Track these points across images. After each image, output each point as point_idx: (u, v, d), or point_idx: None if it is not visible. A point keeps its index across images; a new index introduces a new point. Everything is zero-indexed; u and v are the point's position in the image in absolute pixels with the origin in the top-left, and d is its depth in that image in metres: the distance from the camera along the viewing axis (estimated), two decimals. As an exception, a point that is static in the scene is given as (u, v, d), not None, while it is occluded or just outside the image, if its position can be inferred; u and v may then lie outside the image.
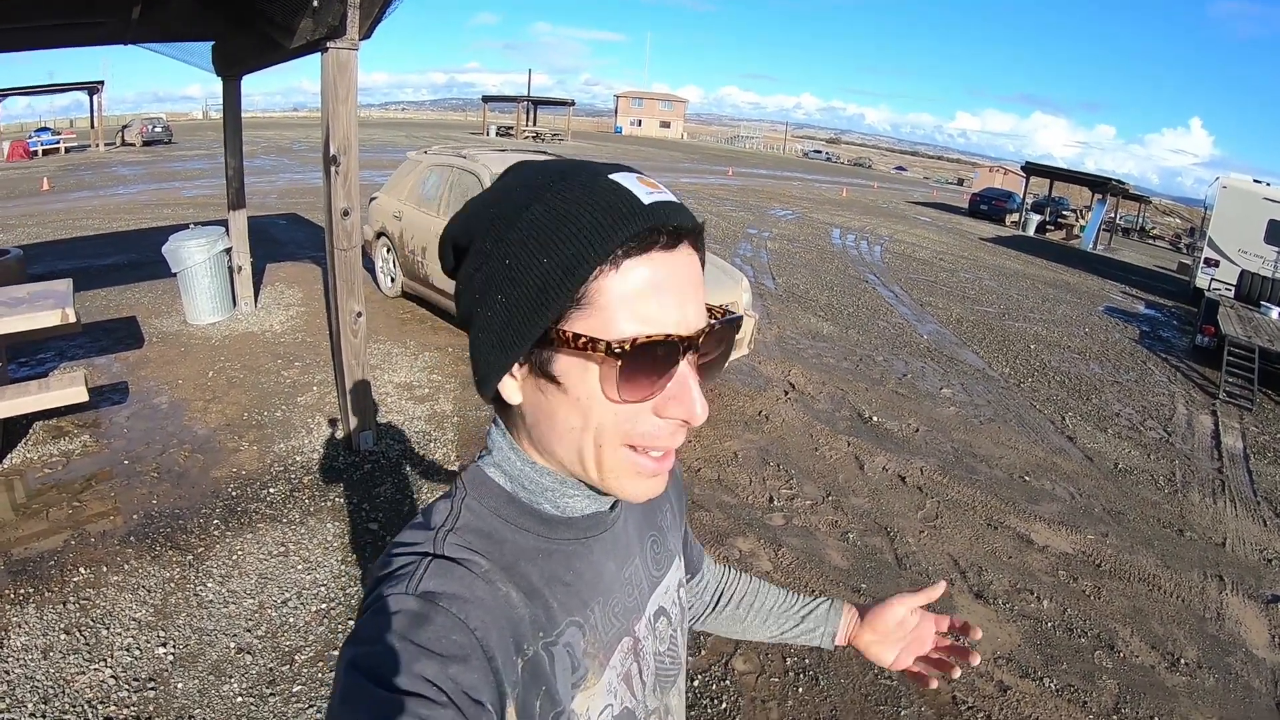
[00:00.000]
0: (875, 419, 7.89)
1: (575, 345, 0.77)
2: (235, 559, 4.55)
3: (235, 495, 5.26)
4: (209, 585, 4.29)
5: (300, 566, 4.54)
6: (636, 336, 0.76)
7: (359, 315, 5.59)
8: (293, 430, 6.28)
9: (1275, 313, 14.50)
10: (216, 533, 4.79)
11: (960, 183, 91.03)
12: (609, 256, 0.75)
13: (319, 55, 5.09)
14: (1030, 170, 38.69)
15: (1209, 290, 16.52)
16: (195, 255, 8.33)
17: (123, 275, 10.50)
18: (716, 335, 0.85)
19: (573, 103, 70.19)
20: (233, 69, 8.22)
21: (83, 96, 37.68)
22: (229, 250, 8.79)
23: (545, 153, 11.14)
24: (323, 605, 4.22)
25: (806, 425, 7.52)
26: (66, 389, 5.25)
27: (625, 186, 0.79)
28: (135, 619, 3.97)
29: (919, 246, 22.72)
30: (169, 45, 8.15)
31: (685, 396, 0.81)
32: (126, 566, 4.37)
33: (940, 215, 37.21)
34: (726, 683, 3.98)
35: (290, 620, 4.08)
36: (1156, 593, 5.34)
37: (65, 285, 5.79)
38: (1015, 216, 37.85)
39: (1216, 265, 17.77)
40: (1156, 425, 8.92)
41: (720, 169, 49.78)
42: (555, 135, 62.36)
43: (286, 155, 32.76)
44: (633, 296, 0.77)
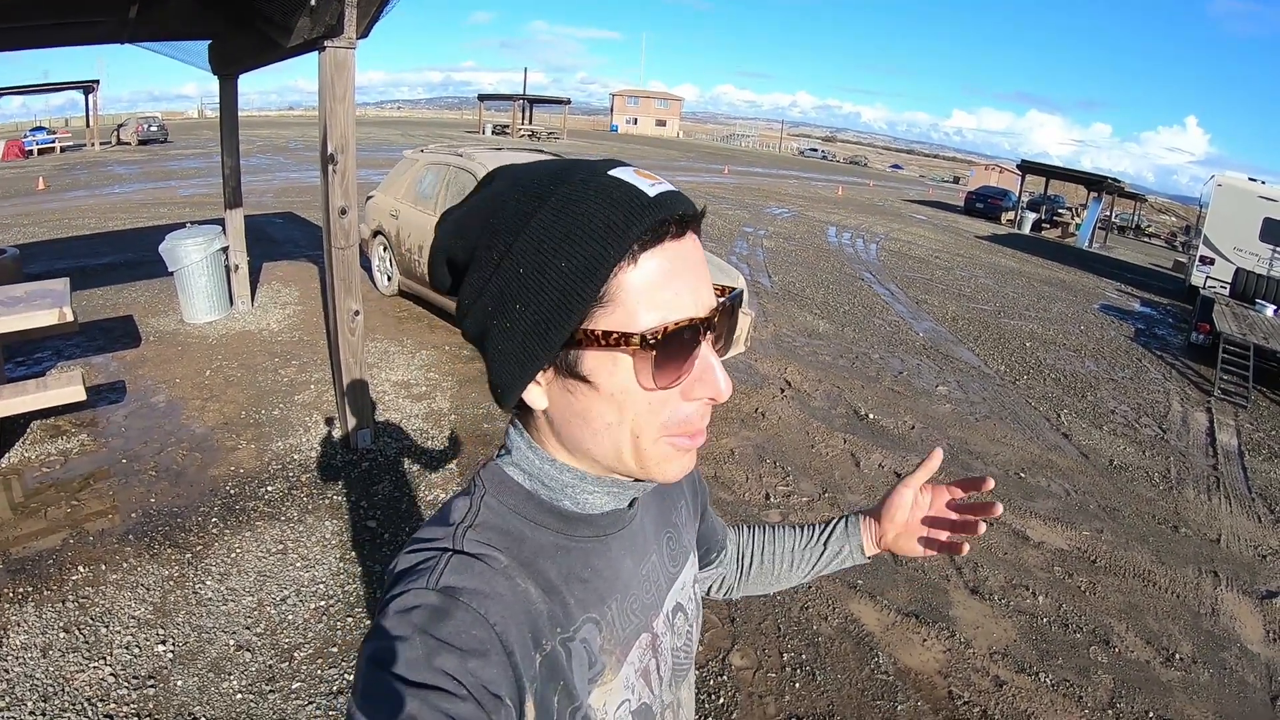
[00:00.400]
0: (871, 416, 7.91)
1: (606, 342, 0.78)
2: (234, 557, 4.55)
3: (233, 493, 5.26)
4: (208, 583, 4.30)
5: (299, 564, 4.54)
6: (665, 325, 0.78)
7: (356, 313, 5.60)
8: (290, 429, 6.29)
9: (1270, 310, 14.51)
10: (215, 531, 4.80)
11: (956, 181, 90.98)
12: (627, 253, 0.77)
13: (316, 54, 5.10)
14: (1026, 168, 38.75)
15: (1204, 288, 16.51)
16: (192, 254, 8.33)
17: (119, 274, 10.49)
18: (726, 312, 0.87)
19: (569, 101, 70.02)
20: (229, 68, 8.21)
21: (78, 95, 37.54)
22: (226, 249, 8.78)
23: (541, 151, 11.15)
24: (321, 602, 4.22)
25: (803, 422, 7.54)
26: (64, 388, 5.26)
27: (628, 181, 0.80)
28: (134, 617, 3.97)
29: (915, 244, 22.73)
30: (166, 44, 8.14)
31: (710, 376, 0.83)
32: (125, 565, 4.38)
33: (936, 213, 37.21)
34: (724, 678, 4.00)
35: (289, 617, 4.09)
36: (1151, 588, 5.35)
37: (62, 284, 5.80)
38: (1011, 214, 37.82)
39: (1212, 263, 17.76)
40: (1151, 422, 8.94)
41: (716, 167, 49.74)
42: (551, 134, 62.27)
43: (283, 154, 32.71)
44: (652, 287, 0.78)
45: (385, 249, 10.10)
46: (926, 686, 4.11)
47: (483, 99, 67.19)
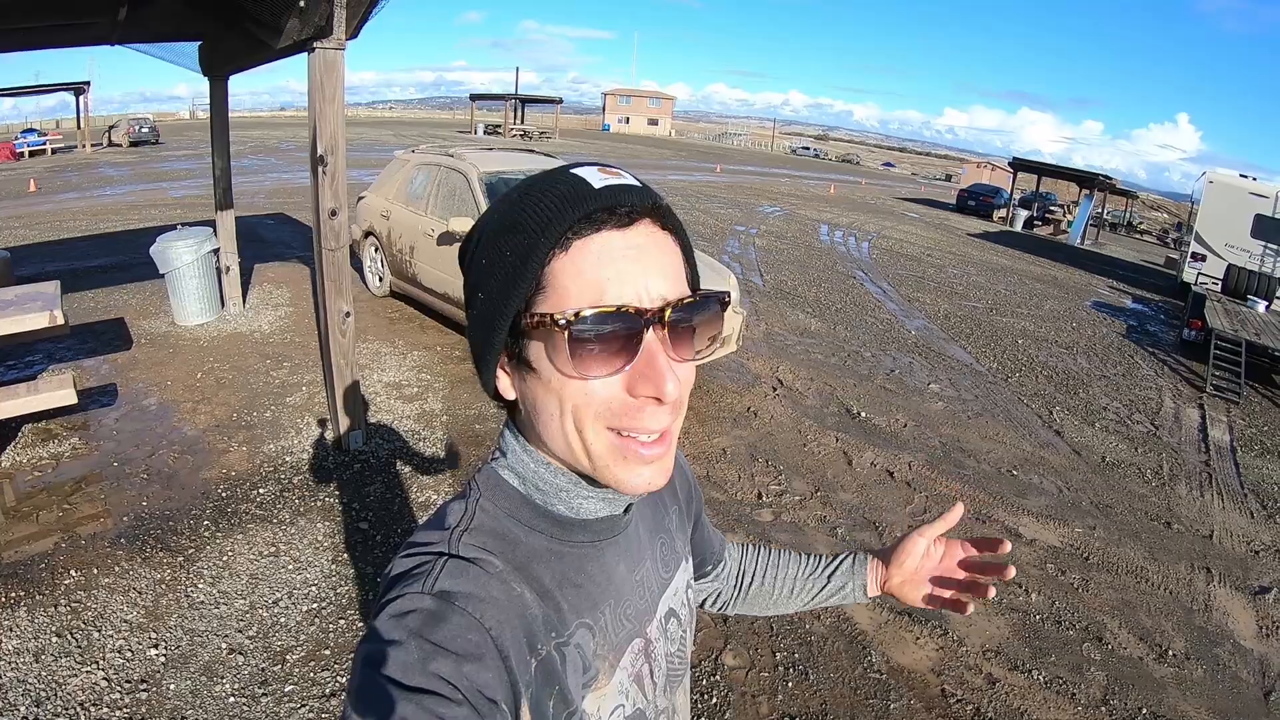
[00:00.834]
0: (863, 414, 7.92)
1: (534, 325, 0.80)
2: (226, 560, 4.54)
3: (225, 496, 5.25)
4: (200, 586, 4.29)
5: (291, 566, 4.54)
6: (581, 309, 0.78)
7: (347, 315, 5.59)
8: (282, 431, 6.28)
9: (1262, 306, 14.58)
10: (207, 534, 4.79)
11: (948, 178, 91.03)
12: (559, 239, 0.79)
13: (306, 55, 5.09)
14: (1018, 166, 38.77)
15: (1196, 284, 16.58)
16: (183, 256, 8.31)
17: (110, 277, 10.46)
18: (692, 312, 0.85)
19: (560, 101, 70.04)
20: (219, 69, 8.19)
21: (69, 97, 37.52)
22: (217, 251, 8.75)
23: (533, 151, 11.13)
24: (314, 605, 4.22)
25: (795, 421, 7.54)
26: (55, 391, 5.24)
27: (580, 176, 0.82)
28: (127, 621, 3.97)
29: (907, 242, 22.75)
30: (156, 45, 8.13)
31: (652, 372, 0.81)
32: (117, 568, 4.37)
33: (928, 211, 37.26)
34: (717, 678, 4.00)
35: (281, 620, 4.08)
36: (1144, 585, 5.37)
37: (53, 287, 5.78)
38: (1003, 212, 37.89)
39: (1203, 260, 17.81)
40: (1144, 419, 8.96)
41: (708, 166, 49.75)
42: (543, 133, 62.28)
43: (274, 155, 32.64)
44: (584, 273, 0.79)
45: (377, 250, 10.08)
46: (919, 685, 4.11)
47: (475, 99, 67.21)
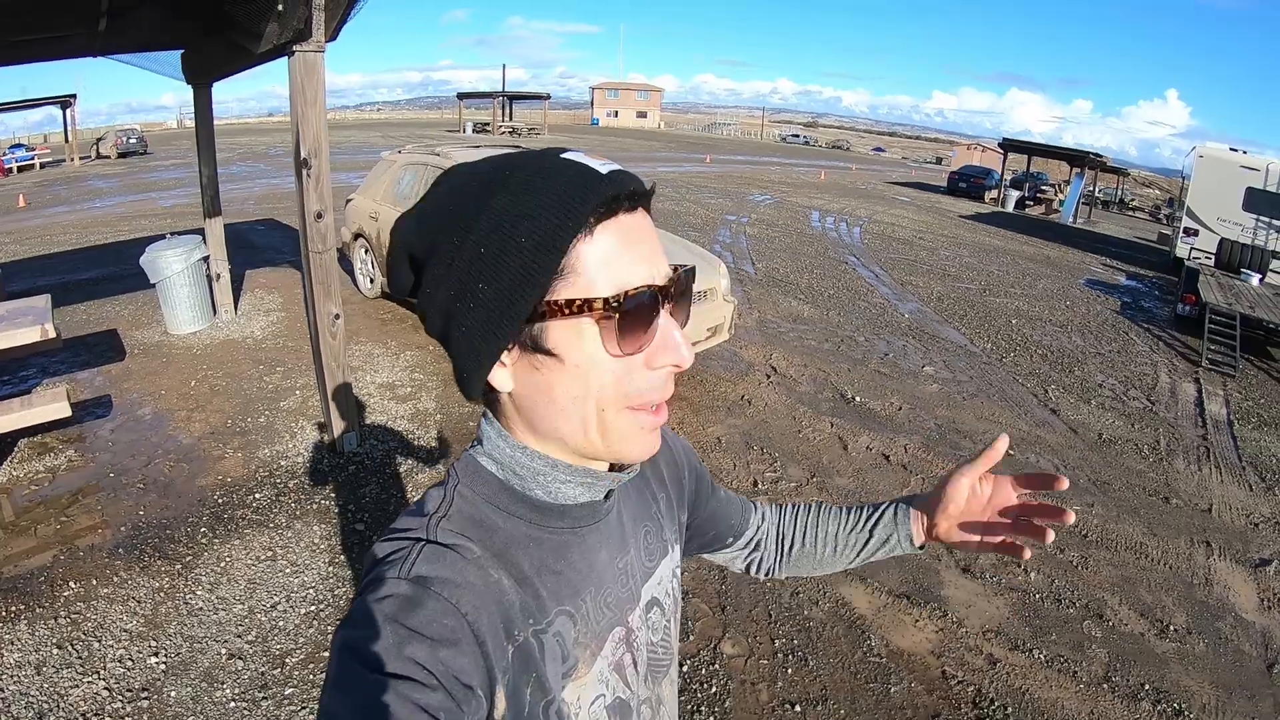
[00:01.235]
0: (858, 399, 7.92)
1: (569, 311, 0.80)
2: (224, 566, 4.55)
3: (221, 503, 5.25)
4: (198, 593, 4.29)
5: (288, 570, 4.54)
6: (626, 289, 0.80)
7: (337, 317, 5.59)
8: (277, 435, 6.28)
9: (1255, 279, 14.58)
10: (204, 541, 4.79)
11: (938, 161, 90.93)
12: (584, 225, 0.79)
13: (286, 59, 5.08)
14: (1008, 146, 38.81)
15: (1189, 259, 16.57)
16: (173, 265, 8.30)
17: (102, 289, 10.44)
18: (682, 283, 0.88)
19: (548, 96, 69.97)
20: (202, 76, 8.18)
21: (55, 111, 37.26)
22: (207, 258, 8.74)
23: (520, 147, 11.13)
24: (312, 607, 4.22)
25: (789, 408, 7.55)
26: (49, 405, 5.25)
27: (580, 162, 0.83)
28: (126, 630, 3.97)
29: (898, 226, 22.73)
30: (138, 55, 8.12)
31: (671, 342, 0.85)
32: (116, 579, 4.37)
33: (919, 194, 37.20)
34: (716, 666, 4.00)
35: (280, 624, 4.09)
36: (1144, 561, 5.37)
37: (44, 301, 5.78)
38: (994, 193, 37.86)
39: (1196, 234, 17.81)
40: (1140, 395, 8.97)
41: (698, 157, 49.69)
42: (532, 130, 62.18)
43: (263, 161, 32.58)
44: (609, 257, 0.80)
45: (367, 251, 10.05)
46: (920, 667, 4.12)
47: (462, 97, 67.19)
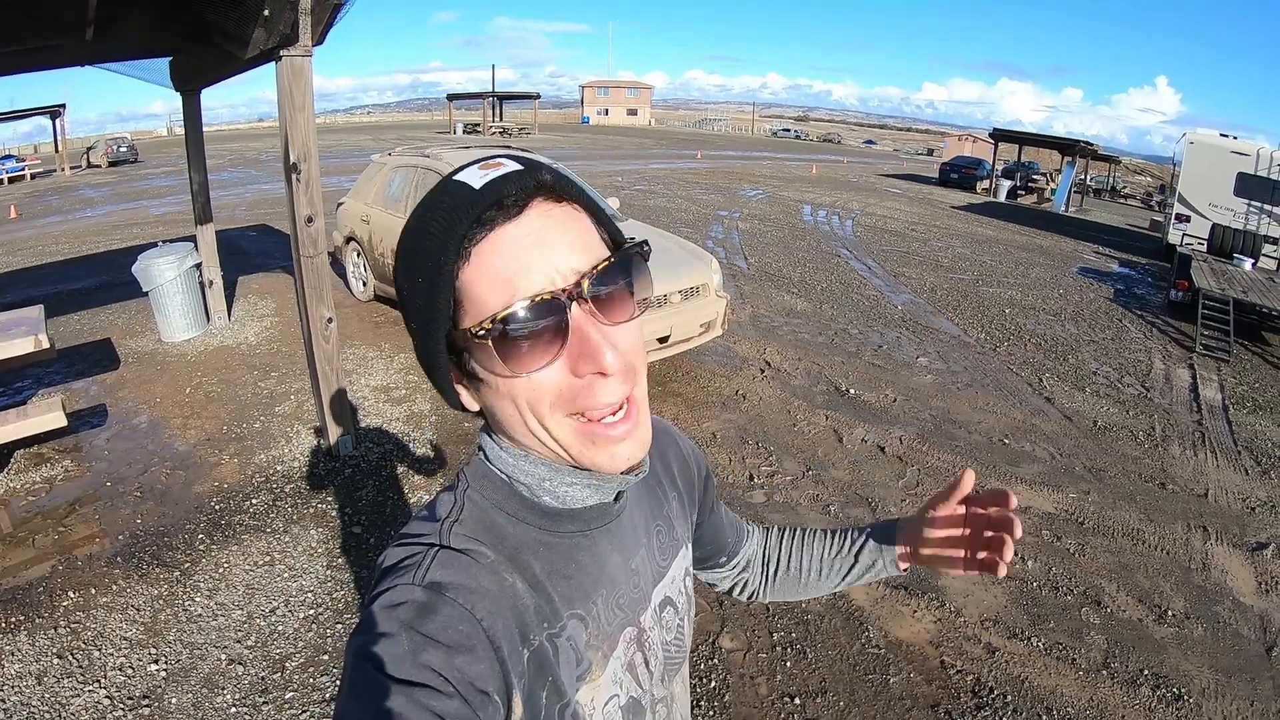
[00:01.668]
0: (852, 391, 7.93)
1: (465, 341, 0.81)
2: (222, 572, 4.55)
3: (218, 509, 5.26)
4: (197, 599, 4.30)
5: (286, 574, 4.55)
6: (496, 311, 0.78)
7: (329, 321, 5.59)
8: (272, 440, 6.28)
9: (1248, 264, 14.61)
10: (202, 547, 4.79)
11: (930, 153, 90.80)
12: (459, 251, 0.78)
13: (274, 64, 5.08)
14: (999, 136, 38.78)
15: (1181, 245, 16.59)
16: (165, 273, 8.30)
17: (95, 298, 10.44)
18: (610, 276, 0.83)
19: (539, 96, 69.92)
20: (191, 83, 8.17)
21: (45, 121, 37.37)
22: (199, 265, 8.74)
23: (509, 147, 11.13)
24: (310, 611, 4.23)
25: (784, 402, 7.56)
26: (45, 415, 5.26)
27: (461, 181, 0.81)
28: (126, 638, 3.98)
29: (891, 218, 22.73)
30: (126, 64, 8.11)
31: (588, 348, 0.80)
32: (115, 587, 4.38)
33: (911, 186, 37.17)
34: (715, 661, 4.02)
35: (279, 628, 4.09)
36: (1141, 547, 5.38)
37: (37, 312, 5.79)
38: (986, 183, 37.85)
39: (1188, 220, 17.82)
40: (1134, 381, 8.98)
41: (689, 153, 49.65)
42: (522, 129, 62.12)
43: (254, 166, 32.51)
44: (491, 276, 0.79)
45: (359, 255, 10.06)
46: (918, 658, 4.13)
47: (452, 99, 67.09)
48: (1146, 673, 4.11)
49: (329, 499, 5.41)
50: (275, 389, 7.34)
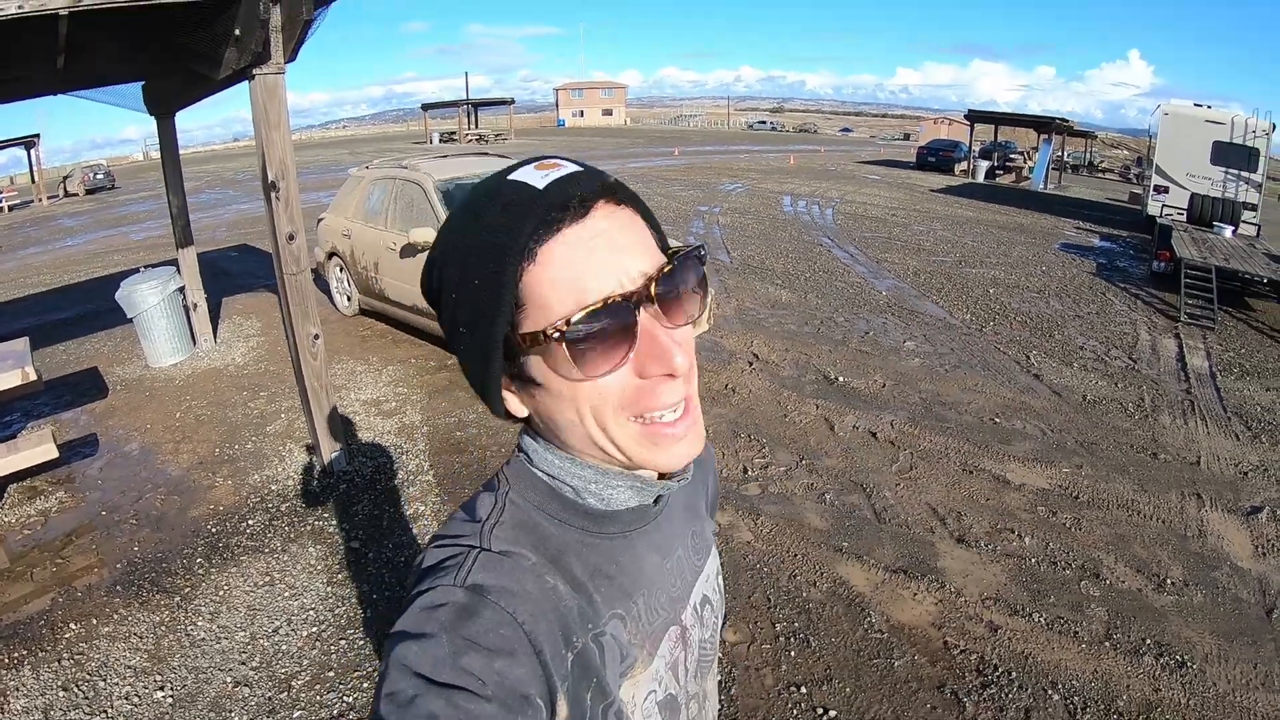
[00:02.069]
0: (841, 379, 7.95)
1: (530, 345, 0.79)
2: (222, 594, 4.55)
3: (215, 531, 5.25)
4: (199, 624, 4.29)
5: (287, 593, 4.54)
6: (569, 314, 0.76)
7: (316, 337, 5.58)
8: (265, 460, 6.27)
9: (1228, 231, 14.70)
10: (201, 571, 4.79)
11: (906, 138, 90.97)
12: (524, 252, 0.76)
13: (248, 83, 5.07)
14: (974, 118, 38.93)
15: (1161, 217, 16.67)
16: (149, 298, 8.27)
17: (80, 327, 10.39)
18: (677, 278, 0.83)
19: (513, 101, 69.77)
20: (165, 106, 8.15)
21: (20, 152, 37.02)
22: (182, 289, 8.70)
23: (486, 154, 11.11)
24: (313, 629, 4.23)
25: (774, 393, 7.58)
26: (35, 448, 5.22)
27: (520, 180, 0.80)
28: (130, 667, 3.97)
29: (870, 205, 22.78)
30: (99, 90, 8.07)
31: (657, 350, 0.80)
32: (116, 616, 4.36)
33: (889, 172, 37.23)
34: (719, 655, 4.02)
35: (283, 648, 4.09)
36: (1136, 517, 5.41)
37: (23, 344, 5.75)
38: (964, 165, 37.94)
39: (1166, 191, 17.92)
40: (1121, 354, 9.02)
41: (666, 150, 49.61)
42: (499, 135, 62.01)
43: (232, 187, 32.40)
44: (557, 278, 0.77)
45: (341, 270, 10.05)
46: (921, 640, 4.15)
47: (426, 108, 67.01)
48: (1149, 642, 4.13)
49: (326, 515, 5.41)
50: (265, 408, 7.33)
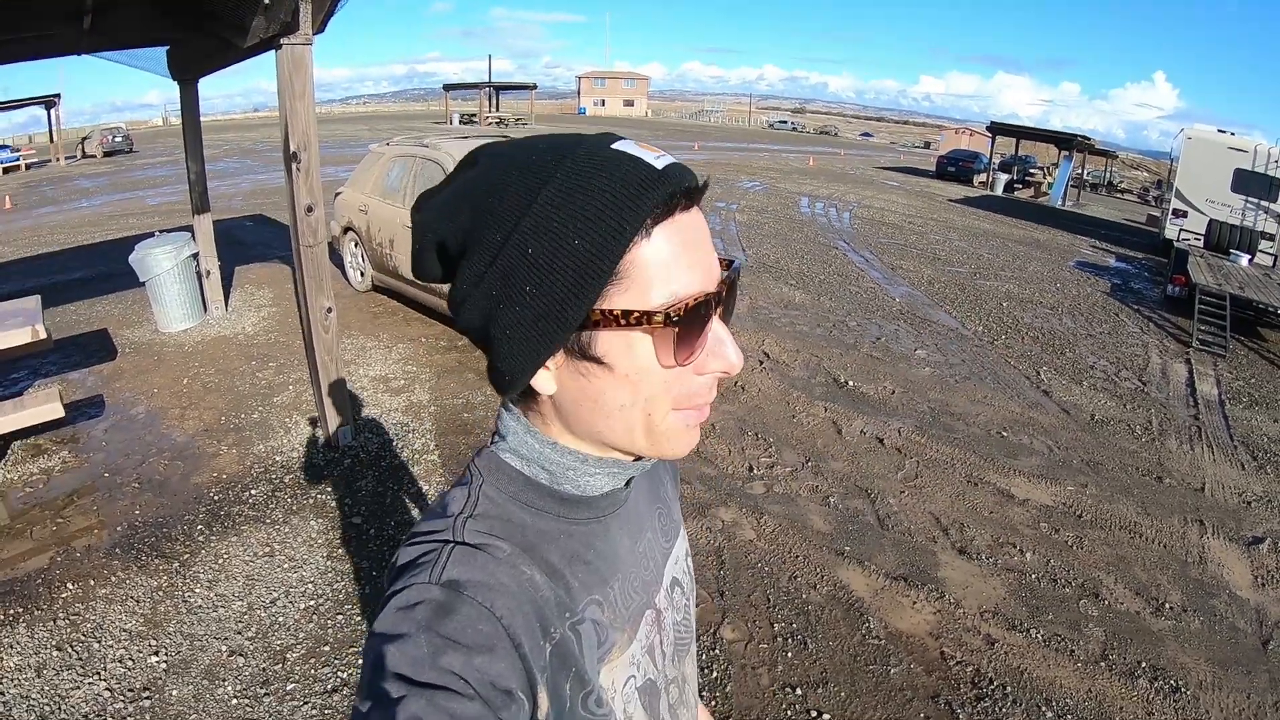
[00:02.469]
0: (851, 383, 7.94)
1: (625, 322, 0.76)
2: (221, 563, 4.55)
3: (217, 499, 5.25)
4: (197, 591, 4.29)
5: (286, 565, 4.54)
6: (684, 301, 0.76)
7: (329, 311, 5.57)
8: (271, 431, 6.28)
9: (1245, 260, 14.64)
10: (201, 538, 4.79)
11: (927, 146, 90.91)
12: (641, 227, 0.75)
13: (274, 53, 5.06)
14: (996, 130, 38.81)
15: (1178, 241, 16.65)
16: (162, 263, 8.28)
17: (92, 288, 10.43)
18: (731, 284, 0.85)
19: (535, 86, 69.89)
20: (188, 72, 8.14)
21: (40, 111, 37.01)
22: (196, 255, 8.72)
23: (506, 137, 11.10)
24: (311, 602, 4.23)
25: (783, 393, 7.57)
26: (42, 406, 5.23)
27: (635, 155, 0.78)
28: (126, 630, 3.97)
29: (888, 211, 22.75)
30: (123, 53, 8.07)
31: (722, 349, 0.82)
32: (114, 579, 4.37)
33: (908, 179, 37.23)
34: (716, 652, 4.02)
35: (279, 619, 4.09)
36: (1138, 540, 5.40)
37: (34, 302, 5.76)
38: (983, 177, 37.94)
39: (1185, 216, 17.89)
40: (1131, 375, 8.99)
41: (686, 144, 49.58)
42: (519, 120, 62.08)
43: (250, 156, 32.49)
44: (666, 262, 0.76)
45: (356, 245, 10.08)
46: (918, 649, 4.14)
47: (448, 89, 67.02)
48: (1144, 665, 4.12)
49: (328, 489, 5.41)
50: (273, 379, 7.34)
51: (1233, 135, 18.39)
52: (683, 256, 0.77)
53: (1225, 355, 10.19)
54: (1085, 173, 43.09)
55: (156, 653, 3.81)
